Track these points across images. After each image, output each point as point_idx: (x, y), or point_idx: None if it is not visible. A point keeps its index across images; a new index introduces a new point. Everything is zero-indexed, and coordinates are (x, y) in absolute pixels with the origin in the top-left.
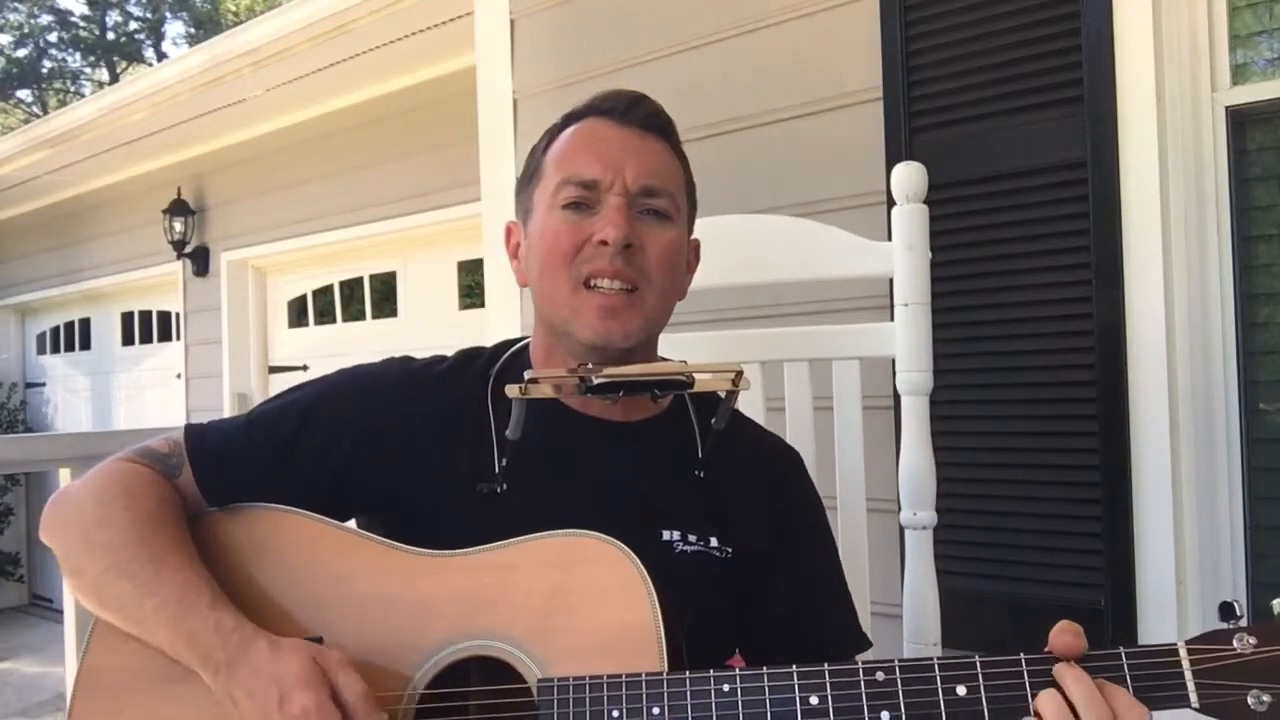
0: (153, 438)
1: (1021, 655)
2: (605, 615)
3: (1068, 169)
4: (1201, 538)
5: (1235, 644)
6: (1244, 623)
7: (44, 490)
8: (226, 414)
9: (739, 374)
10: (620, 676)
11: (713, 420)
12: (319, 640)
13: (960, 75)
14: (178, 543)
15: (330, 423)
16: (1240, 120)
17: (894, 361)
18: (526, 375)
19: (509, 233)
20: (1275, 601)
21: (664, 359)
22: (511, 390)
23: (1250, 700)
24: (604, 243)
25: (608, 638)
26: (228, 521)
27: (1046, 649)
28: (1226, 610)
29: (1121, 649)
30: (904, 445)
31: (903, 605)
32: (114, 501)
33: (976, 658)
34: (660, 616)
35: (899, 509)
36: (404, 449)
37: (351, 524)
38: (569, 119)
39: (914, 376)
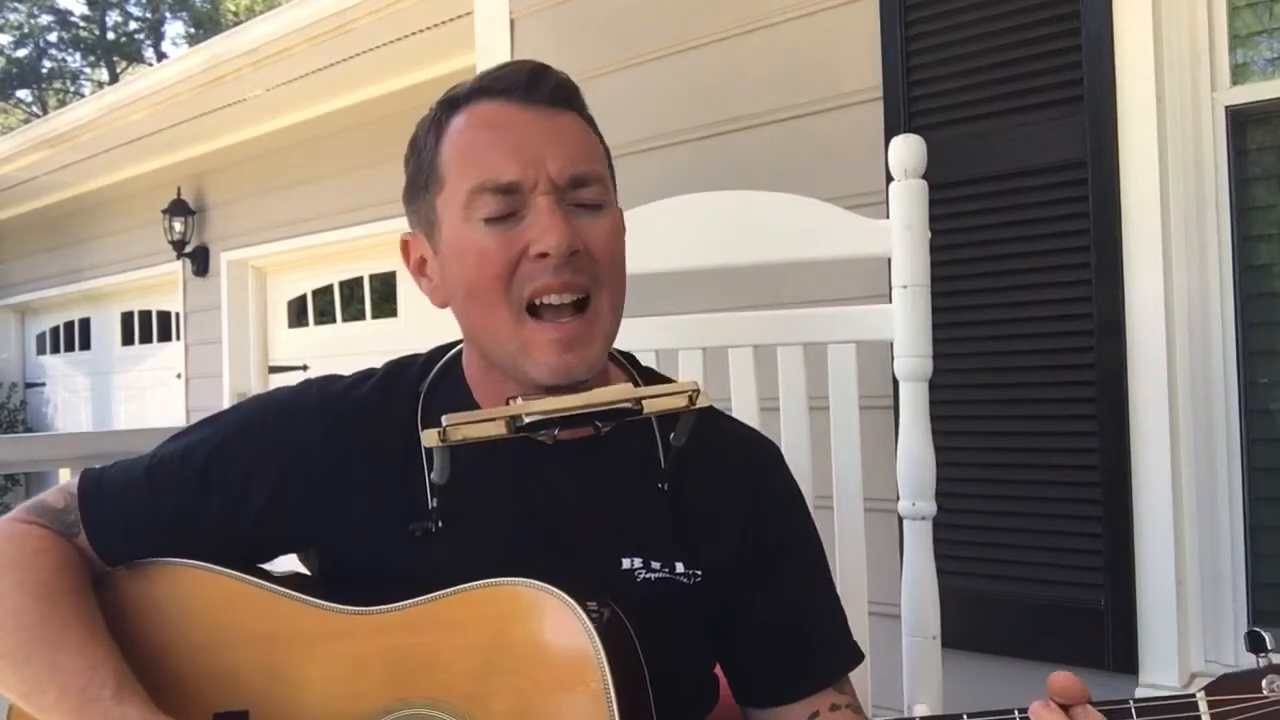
0: (51, 490)
1: (1015, 711)
2: (548, 674)
3: (1068, 169)
4: (1201, 537)
5: (1264, 689)
6: (1275, 658)
7: (44, 490)
8: None
9: (695, 392)
10: None
11: (671, 436)
12: (244, 714)
13: (960, 75)
14: (78, 617)
15: (241, 465)
16: (1240, 120)
17: (892, 346)
18: (445, 420)
19: (405, 247)
20: None
21: (619, 353)
22: (429, 438)
23: None
24: (543, 254)
25: (553, 701)
26: (137, 582)
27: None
28: (1255, 641)
29: (1130, 701)
30: (902, 433)
31: (901, 599)
32: (6, 574)
33: (964, 716)
34: (608, 671)
35: (897, 499)
36: (326, 489)
37: (292, 558)
38: (453, 104)
39: (913, 362)
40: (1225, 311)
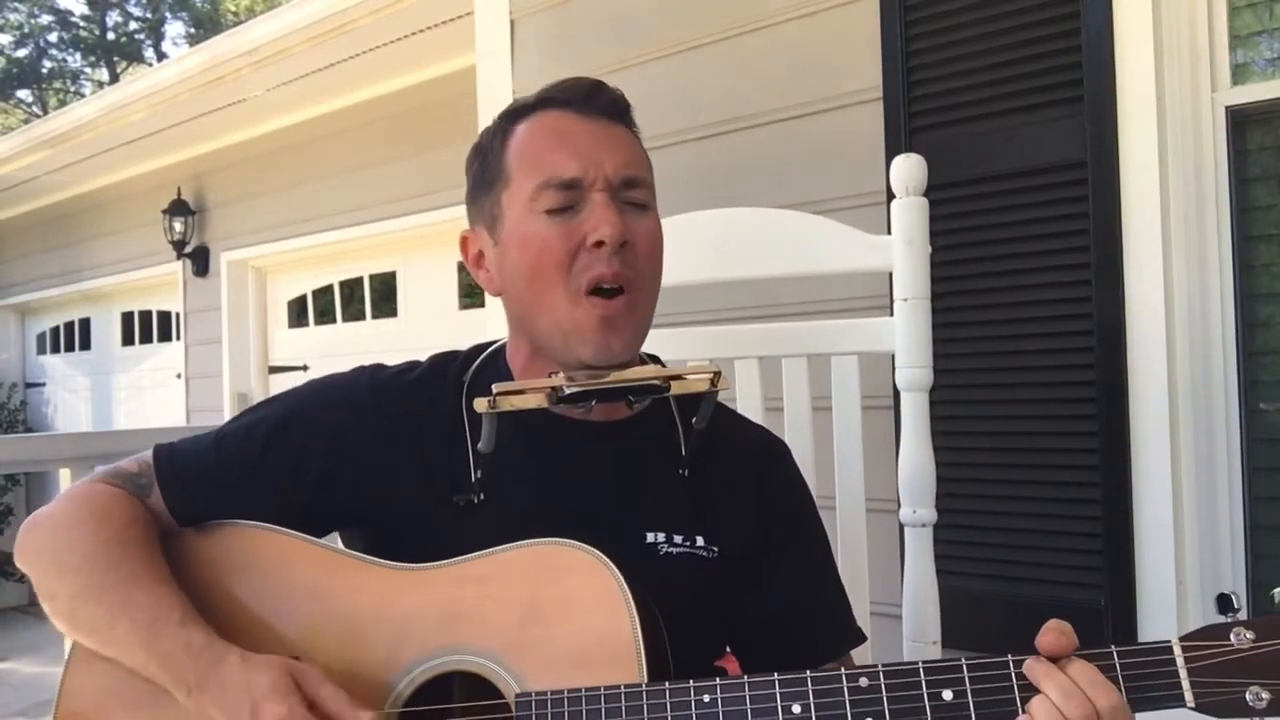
0: (124, 459)
1: (1009, 657)
2: (582, 625)
3: (1068, 169)
4: (1201, 537)
5: (1232, 639)
6: (1242, 615)
7: (44, 490)
8: (227, 414)
9: (717, 374)
10: (599, 689)
11: (693, 420)
12: (296, 660)
13: (960, 75)
14: (147, 563)
15: (299, 441)
16: (1240, 120)
17: (893, 357)
18: (495, 389)
19: (465, 242)
20: (1277, 590)
21: (646, 355)
22: (480, 404)
23: (1249, 697)
24: (599, 243)
25: (585, 649)
26: (201, 539)
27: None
28: (1224, 602)
29: (1113, 648)
30: (904, 442)
31: (902, 604)
32: (83, 524)
33: (963, 660)
34: (639, 624)
35: (899, 507)
36: (377, 464)
37: (335, 538)
38: (517, 114)
39: (914, 373)
40: (1225, 311)
